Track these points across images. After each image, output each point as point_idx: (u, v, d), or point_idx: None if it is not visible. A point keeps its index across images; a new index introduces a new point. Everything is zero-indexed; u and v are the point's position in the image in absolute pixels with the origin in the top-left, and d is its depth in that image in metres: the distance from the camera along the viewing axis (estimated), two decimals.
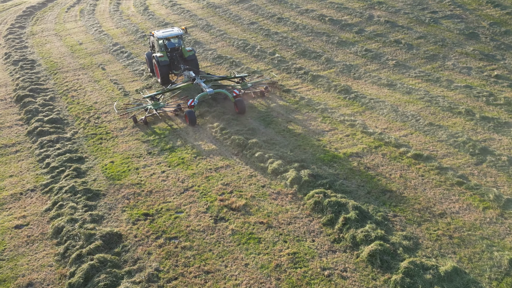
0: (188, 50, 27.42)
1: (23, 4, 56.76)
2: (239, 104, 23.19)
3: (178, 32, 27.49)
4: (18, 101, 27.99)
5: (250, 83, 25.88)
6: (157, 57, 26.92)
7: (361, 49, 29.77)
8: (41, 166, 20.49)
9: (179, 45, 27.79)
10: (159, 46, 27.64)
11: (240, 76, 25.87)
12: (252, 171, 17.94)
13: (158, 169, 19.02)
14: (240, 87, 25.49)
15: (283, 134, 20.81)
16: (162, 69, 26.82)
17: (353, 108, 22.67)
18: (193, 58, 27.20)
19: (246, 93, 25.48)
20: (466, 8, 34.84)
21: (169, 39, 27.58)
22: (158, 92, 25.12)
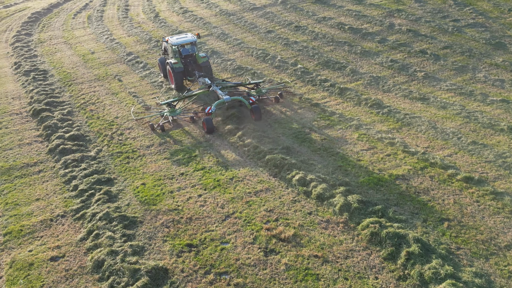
0: (202, 56, 27.38)
1: (28, 10, 55.70)
2: (256, 111, 23.26)
3: (192, 38, 27.45)
4: (35, 115, 27.06)
5: (265, 89, 25.92)
6: (171, 64, 26.91)
7: (386, 59, 28.99)
8: (68, 189, 19.56)
9: (193, 51, 27.75)
10: (173, 53, 27.57)
11: (255, 82, 25.80)
12: (294, 196, 17.12)
13: (194, 192, 18.15)
14: (255, 93, 25.45)
15: (320, 153, 19.99)
16: (177, 76, 26.88)
17: (388, 124, 21.87)
18: (207, 65, 27.18)
19: (261, 99, 25.51)
20: (488, 16, 34.16)
21: (184, 45, 27.41)
22: (174, 99, 25.03)
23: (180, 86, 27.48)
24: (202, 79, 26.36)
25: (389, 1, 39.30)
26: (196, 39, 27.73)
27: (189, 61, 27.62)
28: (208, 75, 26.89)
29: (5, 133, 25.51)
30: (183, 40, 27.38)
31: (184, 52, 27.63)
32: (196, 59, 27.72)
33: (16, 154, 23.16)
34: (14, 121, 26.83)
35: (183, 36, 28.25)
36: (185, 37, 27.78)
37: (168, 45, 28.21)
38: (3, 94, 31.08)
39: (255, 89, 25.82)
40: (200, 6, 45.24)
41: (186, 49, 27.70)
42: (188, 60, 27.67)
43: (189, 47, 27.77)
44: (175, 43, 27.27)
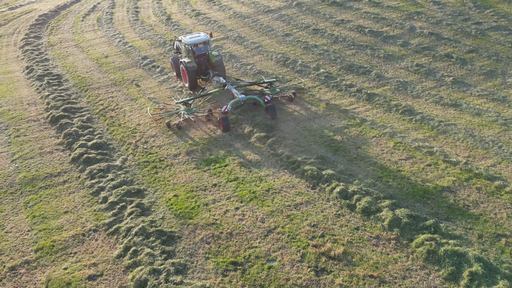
0: (215, 55, 27.70)
1: (34, 12, 54.88)
2: (271, 110, 23.49)
3: (205, 37, 27.73)
4: (53, 122, 26.32)
5: (279, 88, 26.08)
6: (185, 63, 27.07)
7: (411, 64, 28.36)
8: (97, 201, 18.85)
9: (206, 50, 27.98)
10: (187, 52, 27.97)
11: (268, 81, 26.12)
12: (337, 209, 16.43)
13: (230, 205, 17.45)
14: (269, 92, 25.66)
15: (357, 163, 19.32)
16: (191, 75, 27.09)
17: (423, 132, 21.22)
18: (220, 63, 27.49)
19: (275, 98, 25.65)
20: (510, 18, 33.54)
21: (197, 44, 27.64)
22: (190, 97, 25.31)
23: (194, 85, 27.70)
24: (217, 78, 26.80)
25: (406, 4, 38.67)
26: (209, 38, 27.97)
27: (202, 60, 27.90)
28: (222, 73, 27.15)
29: (24, 141, 24.77)
30: (196, 39, 27.61)
31: (197, 51, 27.82)
32: (209, 58, 27.96)
33: (38, 163, 22.44)
34: (32, 128, 26.09)
35: (196, 35, 28.39)
36: (198, 36, 28.01)
37: (182, 44, 28.46)
38: (17, 99, 30.32)
39: (269, 88, 26.07)
40: (213, 9, 44.51)
41: (200, 48, 27.88)
42: (202, 59, 27.92)
43: (202, 46, 27.92)
44: (188, 42, 27.51)
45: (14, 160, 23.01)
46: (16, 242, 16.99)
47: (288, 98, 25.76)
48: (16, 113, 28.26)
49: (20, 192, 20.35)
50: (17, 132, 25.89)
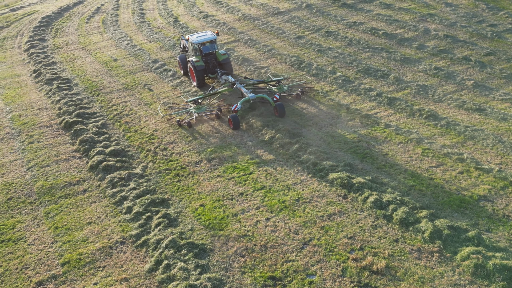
0: (222, 53, 28.04)
1: (37, 14, 54.16)
2: (280, 108, 23.77)
3: (212, 36, 27.99)
4: (67, 128, 25.78)
5: (286, 86, 26.47)
6: (193, 62, 27.46)
7: (429, 67, 27.95)
8: (121, 211, 18.31)
9: (213, 49, 28.24)
10: (194, 51, 28.23)
11: (276, 79, 26.45)
12: (373, 220, 15.98)
13: (260, 215, 16.96)
14: (277, 91, 26.03)
15: (386, 170, 18.87)
16: (198, 73, 27.52)
17: (450, 138, 20.81)
18: (227, 62, 27.89)
19: (282, 96, 25.87)
20: None
21: (204, 43, 27.88)
22: (200, 96, 25.68)
23: (201, 83, 28.16)
24: (225, 76, 27.15)
25: (418, 5, 38.30)
26: (216, 37, 28.24)
27: (209, 59, 28.14)
28: (229, 72, 27.64)
29: (38, 147, 24.18)
30: (203, 38, 27.80)
31: (205, 50, 28.07)
32: (216, 56, 28.26)
33: (55, 171, 21.88)
34: (45, 135, 25.52)
35: (203, 34, 28.55)
36: (205, 35, 28.18)
37: (189, 43, 28.66)
38: (28, 104, 29.71)
39: (277, 86, 26.44)
40: (220, 11, 43.98)
41: (207, 47, 28.11)
42: (209, 57, 28.15)
43: (209, 45, 28.14)
44: (196, 41, 27.69)
45: (30, 168, 22.43)
46: (40, 255, 16.44)
47: (295, 96, 26.04)
48: (27, 119, 27.66)
49: (39, 201, 19.80)
50: (30, 138, 25.31)
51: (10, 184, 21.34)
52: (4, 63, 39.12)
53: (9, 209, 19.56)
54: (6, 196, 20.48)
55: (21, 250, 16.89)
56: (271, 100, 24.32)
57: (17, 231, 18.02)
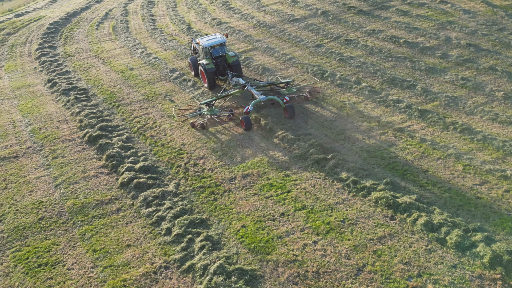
0: (232, 56, 28.83)
1: (43, 20, 53.46)
2: (289, 110, 24.65)
3: (222, 39, 28.96)
4: (91, 142, 25.22)
5: (295, 88, 27.29)
6: (203, 65, 28.52)
7: (456, 77, 27.61)
8: (160, 232, 17.84)
9: (223, 52, 29.21)
10: (205, 53, 29.10)
11: (285, 81, 27.46)
12: (426, 244, 15.58)
13: (306, 238, 16.53)
14: (287, 92, 26.83)
15: (430, 189, 18.49)
16: (209, 76, 28.53)
17: (489, 153, 20.46)
18: (236, 64, 28.74)
19: (291, 97, 26.70)
20: None
21: (214, 46, 28.90)
22: (212, 98, 26.50)
23: (212, 85, 29.14)
24: (236, 78, 27.89)
25: (436, 12, 37.99)
26: (226, 40, 29.16)
27: (220, 61, 29.19)
28: (239, 73, 28.49)
29: (64, 163, 23.63)
30: (213, 41, 28.83)
31: (215, 53, 29.14)
32: (226, 58, 29.13)
33: (84, 188, 21.35)
34: (69, 149, 24.96)
35: (212, 37, 29.53)
36: (215, 38, 29.12)
37: (199, 46, 29.56)
38: (46, 116, 29.13)
39: (286, 88, 27.35)
40: (233, 17, 43.49)
41: (217, 50, 29.18)
42: (219, 60, 29.19)
43: (219, 48, 29.14)
44: (206, 44, 28.76)
45: (58, 185, 21.90)
46: (82, 281, 15.93)
47: (304, 97, 26.87)
48: (48, 132, 27.10)
49: (72, 222, 19.28)
50: (54, 153, 24.75)
51: (39, 202, 20.80)
52: (16, 72, 38.48)
53: (42, 230, 19.03)
54: (37, 216, 19.93)
55: (60, 275, 16.38)
56: (281, 101, 24.90)
57: (54, 254, 17.50)
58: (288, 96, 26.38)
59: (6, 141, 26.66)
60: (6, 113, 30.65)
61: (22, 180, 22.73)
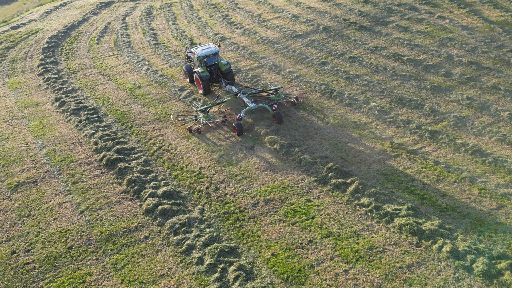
0: (225, 64, 31.47)
1: (41, 33, 53.40)
2: (277, 116, 27.23)
3: (215, 49, 31.70)
4: (109, 166, 25.60)
5: (284, 94, 29.68)
6: (198, 72, 31.20)
7: (461, 96, 28.56)
8: (191, 261, 18.39)
9: (217, 60, 31.75)
10: (199, 62, 31.74)
11: (274, 88, 30.11)
12: (453, 271, 16.39)
13: (337, 267, 17.22)
14: (275, 98, 29.28)
15: (450, 214, 19.32)
16: (204, 83, 31.24)
17: (503, 176, 21.39)
18: (229, 71, 31.36)
19: (280, 102, 29.27)
20: None
21: (208, 56, 31.39)
22: (208, 106, 28.98)
23: (207, 91, 31.89)
24: (229, 86, 30.48)
25: (435, 28, 39.04)
26: (219, 49, 31.78)
27: (213, 69, 31.80)
28: (232, 81, 31.24)
29: (84, 188, 23.99)
30: (207, 51, 31.50)
31: (209, 61, 31.76)
32: (219, 66, 31.69)
33: (109, 215, 21.77)
34: (88, 173, 25.31)
35: (206, 47, 32.16)
36: (209, 48, 31.80)
37: (194, 55, 32.10)
38: (60, 138, 29.40)
39: (275, 94, 29.88)
40: (236, 32, 44.04)
41: (211, 59, 31.75)
42: (213, 68, 31.78)
43: (213, 57, 31.68)
44: (201, 54, 31.41)
45: (82, 212, 22.28)
46: None
47: (292, 103, 29.37)
48: (64, 155, 27.39)
49: (102, 250, 19.68)
50: (73, 177, 25.08)
51: (66, 230, 21.16)
52: (21, 89, 38.57)
53: (73, 260, 19.40)
54: (65, 244, 20.30)
55: None
56: (270, 109, 27.58)
57: (89, 286, 17.90)
58: (276, 103, 28.81)
59: (22, 165, 26.88)
60: (17, 134, 30.80)
61: (45, 206, 23.00)
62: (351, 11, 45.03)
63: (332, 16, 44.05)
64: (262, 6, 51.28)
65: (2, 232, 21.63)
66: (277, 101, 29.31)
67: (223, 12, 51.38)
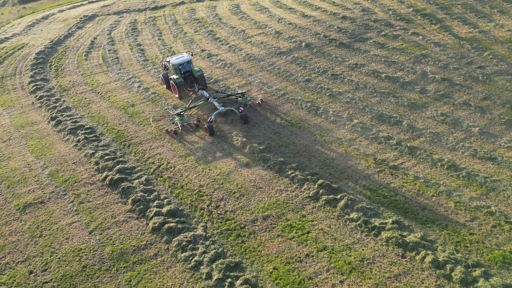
0: (197, 70, 35.96)
1: (27, 48, 54.26)
2: (244, 117, 31.54)
3: (188, 58, 36.24)
4: (113, 185, 27.23)
5: (249, 97, 34.16)
6: (174, 79, 35.59)
7: (436, 113, 31.09)
8: (200, 277, 20.29)
9: (190, 68, 36.17)
10: (174, 70, 36.25)
11: (241, 92, 34.41)
12: (435, 280, 18.71)
13: (333, 278, 19.40)
14: (242, 101, 33.75)
15: (430, 226, 21.71)
16: (179, 88, 35.69)
17: (474, 189, 23.87)
18: (201, 77, 35.72)
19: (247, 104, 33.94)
20: (508, 62, 37.20)
21: (183, 64, 35.76)
22: (182, 110, 33.08)
23: (182, 96, 36.34)
24: (201, 92, 34.77)
25: (410, 45, 41.69)
26: (191, 58, 36.33)
27: (187, 75, 36.15)
28: (204, 86, 35.58)
29: (91, 208, 25.60)
30: (181, 59, 36.01)
31: (183, 69, 36.08)
32: (192, 73, 36.08)
33: (118, 234, 23.46)
34: (92, 193, 26.91)
35: (180, 56, 36.79)
36: (183, 57, 36.34)
37: (170, 64, 36.60)
38: (60, 158, 30.84)
39: (242, 97, 34.06)
40: (222, 49, 45.95)
41: (184, 66, 36.10)
42: (187, 74, 36.09)
43: (186, 65, 36.05)
44: (175, 62, 35.87)
45: (91, 231, 23.89)
46: None
47: (257, 105, 33.88)
48: (66, 175, 28.86)
49: (116, 268, 21.39)
50: (79, 197, 26.61)
51: (78, 250, 22.77)
52: (14, 107, 39.69)
53: (89, 278, 21.08)
54: (80, 263, 21.93)
55: None
56: (237, 111, 31.94)
57: None
58: (243, 106, 33.22)
59: (27, 186, 28.27)
60: (17, 155, 32.08)
61: (55, 227, 24.55)
62: (331, 27, 47.43)
63: (313, 33, 46.36)
64: (245, 21, 53.30)
65: (17, 253, 23.07)
66: (244, 103, 33.75)
67: (208, 27, 53.20)
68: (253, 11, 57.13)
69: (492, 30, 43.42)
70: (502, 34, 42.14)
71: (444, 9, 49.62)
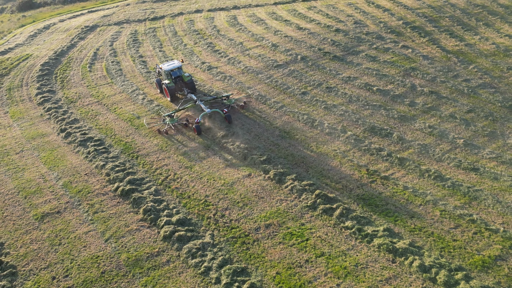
0: (187, 76, 39.83)
1: (32, 59, 56.12)
2: (228, 118, 35.23)
3: (179, 64, 40.15)
4: (124, 196, 29.23)
5: (234, 99, 38.02)
6: (166, 84, 39.65)
7: (424, 125, 33.42)
8: (210, 281, 22.41)
9: (180, 73, 40.01)
10: (166, 75, 40.22)
11: (226, 95, 38.22)
12: (422, 282, 21.00)
13: (331, 282, 21.63)
14: (227, 103, 37.39)
15: (417, 233, 23.98)
16: (171, 92, 39.51)
17: (458, 199, 26.18)
18: (190, 81, 39.60)
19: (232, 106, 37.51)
20: (492, 75, 39.63)
21: (173, 70, 39.54)
22: (173, 112, 36.99)
23: (173, 99, 40.16)
24: (190, 95, 38.44)
25: (399, 58, 44.05)
26: (181, 64, 40.12)
27: (178, 80, 39.85)
28: (192, 90, 39.49)
29: (105, 217, 27.65)
30: (172, 66, 39.88)
31: (174, 74, 39.87)
32: (182, 78, 39.80)
33: (132, 242, 25.53)
34: (105, 203, 28.94)
35: (171, 63, 40.66)
36: (173, 64, 40.24)
37: (162, 70, 40.42)
38: (73, 170, 32.81)
39: (226, 100, 37.80)
40: (221, 61, 48.09)
41: (175, 72, 39.90)
42: (177, 79, 39.80)
43: (177, 71, 39.81)
44: (167, 69, 39.83)
45: (107, 240, 25.94)
46: None
47: (241, 106, 37.41)
48: (80, 186, 30.89)
49: (132, 274, 23.49)
50: (92, 208, 28.66)
51: (96, 257, 24.84)
52: (23, 119, 41.57)
53: (107, 283, 23.17)
54: (98, 269, 24.01)
55: None
56: (222, 112, 35.47)
57: None
58: (227, 108, 36.47)
59: (43, 196, 30.28)
60: (31, 166, 34.05)
61: (73, 235, 26.60)
62: (325, 40, 49.74)
63: (308, 46, 48.63)
64: (242, 33, 55.49)
65: (39, 260, 25.12)
66: (229, 105, 37.05)
67: (207, 39, 55.35)
68: (250, 23, 59.35)
69: (478, 43, 45.89)
70: (487, 48, 44.61)
71: (432, 21, 52.08)
